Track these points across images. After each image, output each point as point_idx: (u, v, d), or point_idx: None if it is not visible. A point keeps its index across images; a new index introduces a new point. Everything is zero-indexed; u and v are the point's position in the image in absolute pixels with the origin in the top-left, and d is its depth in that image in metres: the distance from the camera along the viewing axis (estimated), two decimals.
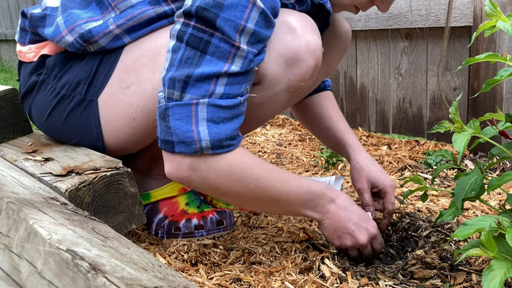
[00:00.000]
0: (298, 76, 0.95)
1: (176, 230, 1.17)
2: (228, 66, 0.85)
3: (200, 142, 0.86)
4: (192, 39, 0.85)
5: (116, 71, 1.04)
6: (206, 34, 0.85)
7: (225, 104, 0.86)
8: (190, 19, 0.85)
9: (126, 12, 1.01)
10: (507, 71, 0.77)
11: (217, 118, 0.86)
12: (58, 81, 1.08)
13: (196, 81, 0.85)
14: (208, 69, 0.85)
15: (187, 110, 0.86)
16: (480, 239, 0.68)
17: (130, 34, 1.03)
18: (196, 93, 0.85)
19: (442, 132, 0.88)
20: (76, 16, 1.06)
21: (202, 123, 0.86)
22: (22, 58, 1.17)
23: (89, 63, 1.06)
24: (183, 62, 0.86)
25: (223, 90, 0.86)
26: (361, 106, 2.11)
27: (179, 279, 0.58)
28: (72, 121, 1.08)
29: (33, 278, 0.54)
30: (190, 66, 0.85)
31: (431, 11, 1.74)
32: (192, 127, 0.86)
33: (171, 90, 0.87)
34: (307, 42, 0.93)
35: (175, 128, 0.87)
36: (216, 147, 0.88)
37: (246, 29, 0.84)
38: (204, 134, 0.86)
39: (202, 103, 0.85)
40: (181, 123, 0.86)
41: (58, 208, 0.74)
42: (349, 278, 0.96)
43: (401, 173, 1.59)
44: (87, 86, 1.06)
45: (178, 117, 0.86)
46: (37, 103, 1.13)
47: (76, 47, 1.05)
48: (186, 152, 0.88)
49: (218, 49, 0.85)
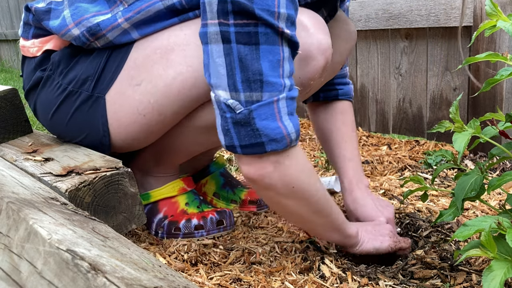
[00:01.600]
0: (309, 74, 0.96)
1: (176, 230, 1.17)
2: (281, 49, 0.85)
3: (289, 136, 0.88)
4: (241, 36, 0.83)
5: (125, 68, 1.03)
6: (250, 26, 0.83)
7: (295, 95, 0.89)
8: (228, 17, 0.83)
9: (135, 5, 1.00)
10: (507, 70, 0.77)
11: (293, 110, 0.89)
12: (64, 77, 1.07)
13: (267, 76, 0.85)
14: (271, 59, 0.85)
15: (270, 109, 0.86)
16: (480, 240, 0.68)
17: (139, 29, 1.02)
18: (273, 90, 0.86)
19: (443, 132, 0.88)
20: (83, 10, 1.05)
21: (285, 117, 0.87)
22: (25, 53, 1.16)
23: (97, 59, 1.05)
24: (244, 61, 0.84)
25: (289, 82, 0.87)
26: (361, 106, 2.11)
27: (179, 279, 0.58)
28: (78, 117, 1.08)
29: (33, 278, 0.54)
30: (253, 61, 0.84)
31: (431, 11, 1.74)
32: (278, 123, 0.87)
33: (247, 93, 0.85)
34: (319, 41, 0.94)
35: (264, 128, 0.86)
36: (298, 137, 0.90)
37: (281, 15, 0.84)
38: (290, 127, 0.88)
39: (282, 98, 0.86)
40: (268, 122, 0.86)
41: (58, 208, 0.74)
42: (349, 278, 0.96)
43: (401, 173, 1.59)
44: (94, 82, 1.05)
45: (264, 117, 0.86)
46: (42, 99, 1.12)
47: (82, 41, 1.04)
48: (278, 149, 0.87)
49: (268, 36, 0.84)
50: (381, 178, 1.55)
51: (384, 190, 1.43)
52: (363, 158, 1.75)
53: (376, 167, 1.66)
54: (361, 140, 2.01)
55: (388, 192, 1.41)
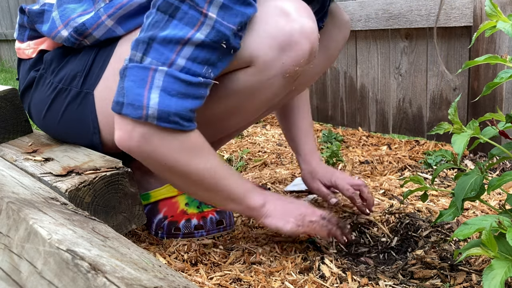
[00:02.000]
0: (293, 60, 0.94)
1: (176, 230, 1.17)
2: (193, 33, 0.84)
3: (147, 109, 0.85)
4: (164, 4, 0.85)
5: (112, 63, 1.04)
6: (176, 0, 0.84)
7: (183, 78, 0.85)
8: None
9: (115, 1, 1.02)
10: (507, 73, 0.77)
11: (171, 90, 0.85)
12: (56, 76, 1.08)
13: (158, 44, 0.84)
14: (173, 33, 0.84)
15: (143, 74, 0.85)
16: (481, 239, 0.68)
17: (122, 25, 1.03)
18: (156, 58, 0.84)
19: (442, 133, 0.88)
20: (70, 10, 1.06)
21: (156, 90, 0.84)
22: (21, 55, 1.17)
23: (85, 56, 1.07)
24: (151, 26, 0.86)
25: (184, 63, 0.85)
26: (361, 106, 2.11)
27: (179, 279, 0.58)
28: (69, 115, 1.08)
29: (33, 278, 0.54)
30: (156, 29, 0.85)
31: (431, 11, 1.74)
32: (144, 91, 0.84)
33: (134, 51, 0.86)
34: (301, 25, 0.92)
35: (128, 88, 0.85)
36: (162, 119, 0.86)
37: (214, 1, 0.84)
38: (153, 102, 0.84)
39: (161, 71, 0.84)
40: (135, 85, 0.85)
41: (58, 208, 0.74)
42: (349, 278, 0.96)
43: (401, 173, 1.59)
44: (83, 78, 1.06)
45: (133, 78, 0.85)
46: (35, 99, 1.13)
47: (72, 42, 1.05)
48: (131, 115, 0.86)
49: (186, 15, 0.84)
50: (381, 178, 1.55)
51: (384, 190, 1.43)
52: (363, 158, 1.75)
53: (376, 167, 1.66)
54: (361, 140, 2.01)
55: (388, 192, 1.41)
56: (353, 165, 1.70)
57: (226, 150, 1.94)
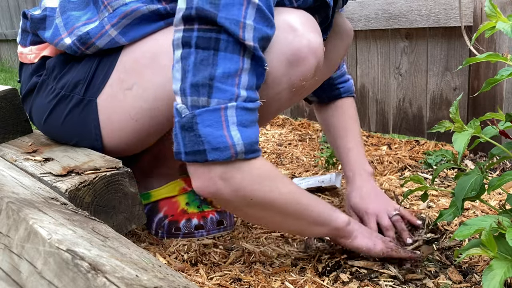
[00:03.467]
0: (300, 75, 0.94)
1: (176, 230, 1.17)
2: (242, 61, 0.83)
3: (234, 147, 0.82)
4: (201, 40, 0.82)
5: (116, 71, 1.04)
6: (213, 32, 0.82)
7: (250, 107, 0.84)
8: (192, 23, 0.82)
9: (119, 10, 1.01)
10: (508, 70, 0.77)
11: (245, 121, 0.84)
12: (58, 82, 1.08)
13: (220, 82, 0.81)
14: (228, 67, 0.82)
15: (216, 116, 0.82)
16: (481, 239, 0.68)
17: (126, 35, 1.03)
18: (223, 97, 0.82)
19: (443, 131, 0.88)
20: (75, 18, 1.06)
21: (233, 127, 0.82)
22: (23, 59, 1.17)
23: (88, 64, 1.06)
24: (199, 65, 0.82)
25: (246, 93, 0.84)
26: (361, 106, 2.11)
27: (179, 279, 0.58)
28: (71, 121, 1.08)
29: (33, 278, 0.54)
30: (208, 67, 0.82)
31: (431, 11, 1.74)
32: (223, 132, 0.82)
33: (195, 97, 0.82)
34: (308, 41, 0.92)
35: (207, 135, 0.81)
36: (249, 151, 0.84)
37: (247, 26, 0.82)
38: (237, 138, 0.82)
39: (231, 107, 0.82)
40: (212, 129, 0.81)
41: (58, 208, 0.74)
42: (349, 278, 0.96)
43: (401, 173, 1.59)
44: (85, 86, 1.06)
45: (208, 123, 0.82)
46: (37, 104, 1.13)
47: (74, 50, 1.05)
48: (220, 158, 0.82)
49: (229, 44, 0.82)
50: (381, 178, 1.55)
51: (384, 190, 1.43)
52: None
53: (376, 167, 1.66)
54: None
55: (388, 192, 1.41)
56: None
57: None
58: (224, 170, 0.84)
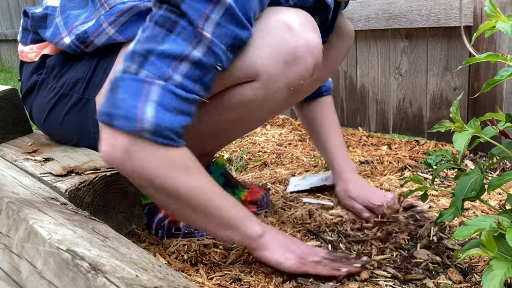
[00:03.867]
0: (298, 75, 0.94)
1: (176, 230, 1.17)
2: (190, 49, 0.83)
3: (142, 122, 0.81)
4: (161, 19, 0.83)
5: (113, 71, 1.04)
6: (174, 14, 0.83)
7: (179, 93, 0.83)
8: (163, 3, 0.84)
9: (116, 8, 1.01)
10: (507, 71, 0.77)
11: (167, 105, 0.82)
12: (58, 81, 1.08)
13: (156, 58, 0.82)
14: (171, 48, 0.82)
15: (139, 86, 0.82)
16: (480, 239, 0.68)
17: (123, 33, 1.03)
18: (153, 72, 0.82)
19: (443, 131, 0.88)
20: (74, 17, 1.06)
21: (151, 104, 0.81)
22: (23, 58, 1.17)
23: (88, 63, 1.07)
24: (148, 39, 0.83)
25: (181, 79, 0.83)
26: (361, 106, 2.11)
27: (179, 279, 0.58)
28: (70, 120, 1.09)
29: (33, 278, 0.54)
30: (154, 42, 0.83)
31: (431, 11, 1.74)
32: (139, 104, 0.81)
33: (128, 63, 0.83)
34: (306, 40, 0.92)
35: (122, 100, 0.81)
36: (156, 133, 0.82)
37: (210, 19, 0.82)
38: (150, 115, 0.81)
39: (157, 84, 0.82)
40: (130, 96, 0.81)
41: (58, 208, 0.74)
42: (349, 278, 0.96)
43: (401, 173, 1.59)
44: (85, 85, 1.06)
45: (128, 90, 0.82)
46: (37, 103, 1.13)
47: (73, 49, 1.05)
48: (125, 127, 0.81)
49: (184, 31, 0.82)
50: (381, 178, 1.55)
51: (384, 190, 1.43)
52: (363, 158, 1.75)
53: (376, 167, 1.66)
54: (361, 140, 2.01)
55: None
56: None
57: (226, 150, 1.94)
58: (129, 143, 0.83)
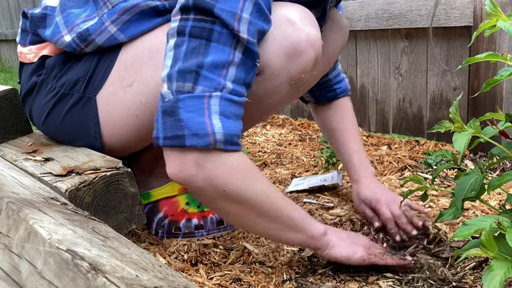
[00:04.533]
0: (299, 68, 0.95)
1: (176, 230, 1.17)
2: (232, 52, 0.83)
3: (214, 135, 0.82)
4: (195, 30, 0.83)
5: (115, 69, 1.04)
6: (207, 22, 0.83)
7: (235, 99, 0.84)
8: (189, 13, 0.84)
9: (118, 7, 1.02)
10: (507, 70, 0.77)
11: (228, 113, 0.84)
12: (58, 81, 1.08)
13: (207, 71, 0.82)
14: (217, 58, 0.83)
15: (200, 102, 0.82)
16: (480, 239, 0.68)
17: (125, 31, 1.03)
18: (208, 86, 0.82)
19: (443, 131, 0.88)
20: (74, 16, 1.06)
21: (215, 116, 0.82)
22: (22, 59, 1.17)
23: (88, 62, 1.06)
24: (190, 53, 0.83)
25: (232, 85, 0.84)
26: (361, 106, 2.11)
27: (179, 279, 0.58)
28: (70, 119, 1.08)
29: (33, 278, 0.54)
30: (198, 55, 0.82)
31: (431, 11, 1.73)
32: (205, 119, 0.82)
33: (181, 83, 0.82)
34: (307, 34, 0.93)
35: (187, 120, 0.81)
36: (228, 142, 0.83)
37: (243, 18, 0.83)
38: (218, 127, 0.82)
39: (215, 96, 0.82)
40: (194, 115, 0.81)
41: (58, 208, 0.74)
42: (349, 278, 0.96)
43: (401, 173, 1.59)
44: (85, 84, 1.06)
45: (190, 109, 0.82)
46: (37, 103, 1.13)
47: (73, 48, 1.05)
48: (198, 145, 0.82)
49: (221, 36, 0.83)
50: (381, 178, 1.55)
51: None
52: None
53: (376, 167, 1.66)
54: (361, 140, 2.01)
55: None
56: None
57: None
58: (200, 156, 0.83)
